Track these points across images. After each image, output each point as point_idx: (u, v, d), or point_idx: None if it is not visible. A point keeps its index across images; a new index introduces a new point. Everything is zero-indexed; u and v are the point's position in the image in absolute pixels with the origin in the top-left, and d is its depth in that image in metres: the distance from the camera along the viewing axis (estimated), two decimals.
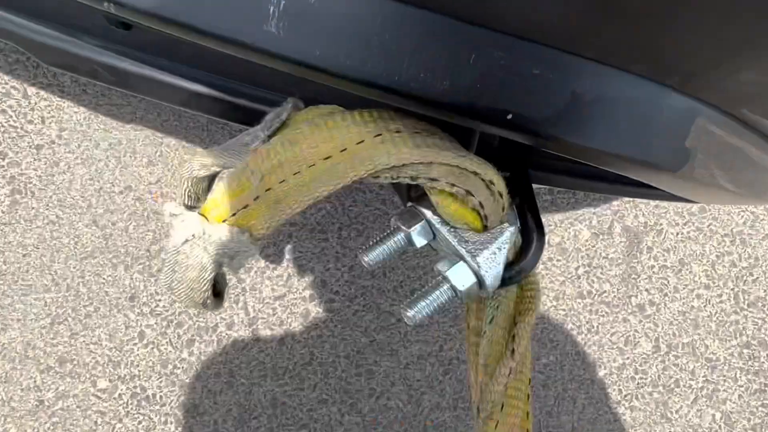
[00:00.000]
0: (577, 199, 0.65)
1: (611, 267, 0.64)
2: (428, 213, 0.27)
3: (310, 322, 0.61)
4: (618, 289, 0.64)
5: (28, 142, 0.60)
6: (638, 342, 0.63)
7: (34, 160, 0.60)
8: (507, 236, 0.26)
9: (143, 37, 0.41)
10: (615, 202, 0.66)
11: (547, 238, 0.46)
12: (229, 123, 0.58)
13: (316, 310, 0.61)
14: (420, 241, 0.27)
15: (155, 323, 0.59)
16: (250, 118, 0.32)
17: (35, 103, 0.60)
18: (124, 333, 0.58)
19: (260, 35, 0.20)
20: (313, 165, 0.23)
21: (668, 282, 0.64)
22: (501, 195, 0.26)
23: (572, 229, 0.65)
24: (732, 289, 0.65)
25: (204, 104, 0.44)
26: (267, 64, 0.22)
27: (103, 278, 0.59)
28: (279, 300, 0.60)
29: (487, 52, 0.20)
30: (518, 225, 0.28)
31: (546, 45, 0.20)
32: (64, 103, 0.61)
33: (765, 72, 0.23)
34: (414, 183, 0.25)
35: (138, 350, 0.58)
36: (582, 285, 0.64)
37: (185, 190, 0.27)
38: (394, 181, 0.25)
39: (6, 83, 0.60)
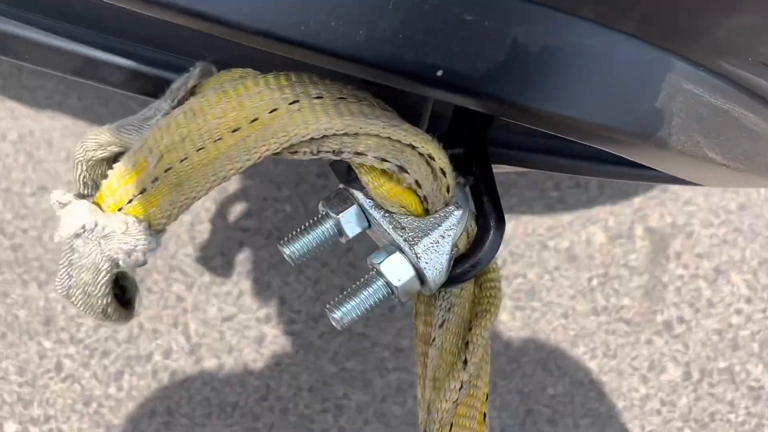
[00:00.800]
0: (590, 196, 0.54)
1: (632, 277, 0.53)
2: (360, 195, 0.23)
3: (265, 347, 0.50)
4: (640, 304, 0.53)
5: None
6: (665, 367, 0.52)
7: None
8: (453, 221, 0.23)
9: None
10: (636, 199, 0.55)
11: (545, 241, 0.37)
12: (132, 96, 0.48)
13: (272, 332, 0.50)
14: (352, 230, 0.24)
15: (75, 352, 0.48)
16: (154, 88, 0.27)
17: None
18: (37, 365, 0.48)
19: None
20: (220, 139, 0.21)
21: (701, 294, 0.53)
22: (444, 173, 0.22)
23: (584, 232, 0.53)
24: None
25: (103, 73, 0.36)
26: (159, 17, 0.18)
27: (12, 298, 0.48)
28: (227, 321, 0.50)
29: None
30: (471, 209, 0.25)
31: None
32: None
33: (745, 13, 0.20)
34: (337, 159, 0.21)
35: (55, 385, 0.48)
36: (596, 299, 0.53)
37: (80, 176, 0.23)
38: (315, 157, 0.21)
39: None
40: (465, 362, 0.26)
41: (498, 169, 0.30)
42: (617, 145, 0.24)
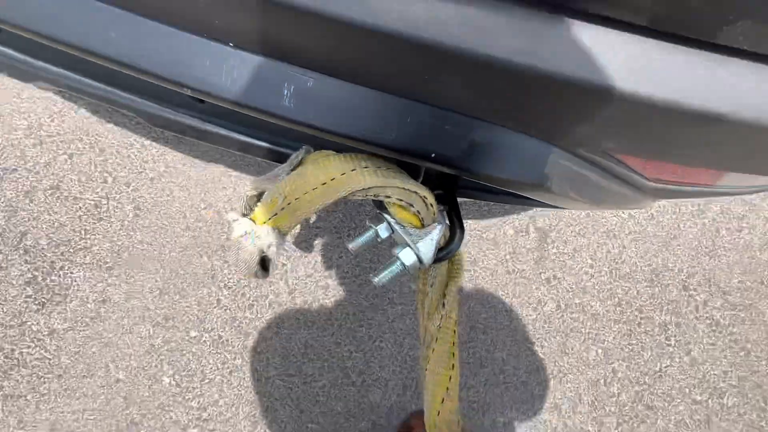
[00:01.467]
0: (505, 210, 0.99)
1: (528, 253, 0.97)
2: (388, 216, 0.39)
3: (330, 292, 0.92)
4: (533, 268, 0.96)
5: (145, 176, 0.92)
6: (545, 304, 0.95)
7: (149, 187, 0.92)
8: (437, 231, 0.40)
9: (213, 107, 0.52)
10: (530, 211, 0.99)
11: (483, 234, 0.76)
12: (269, 162, 0.91)
13: (333, 284, 0.92)
14: (384, 234, 0.40)
15: (228, 294, 0.89)
16: (281, 158, 0.50)
17: (149, 148, 0.93)
18: (207, 301, 0.89)
19: (280, 108, 0.31)
20: (315, 188, 0.35)
21: (566, 264, 0.97)
22: (432, 205, 0.39)
23: (502, 229, 0.98)
24: (608, 268, 0.98)
25: (253, 150, 0.60)
26: (286, 125, 0.33)
27: (194, 263, 0.90)
28: (309, 277, 0.92)
29: (419, 117, 0.30)
30: (446, 224, 0.42)
31: (454, 112, 0.31)
32: (167, 148, 0.93)
33: (585, 129, 0.33)
34: (376, 199, 0.37)
35: (216, 311, 0.89)
36: (509, 265, 0.96)
37: (243, 204, 0.40)
38: (363, 198, 0.36)
39: (130, 137, 0.93)
40: (443, 305, 0.40)
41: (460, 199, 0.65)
42: (524, 190, 0.37)
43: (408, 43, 0.24)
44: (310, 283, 0.91)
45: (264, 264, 0.39)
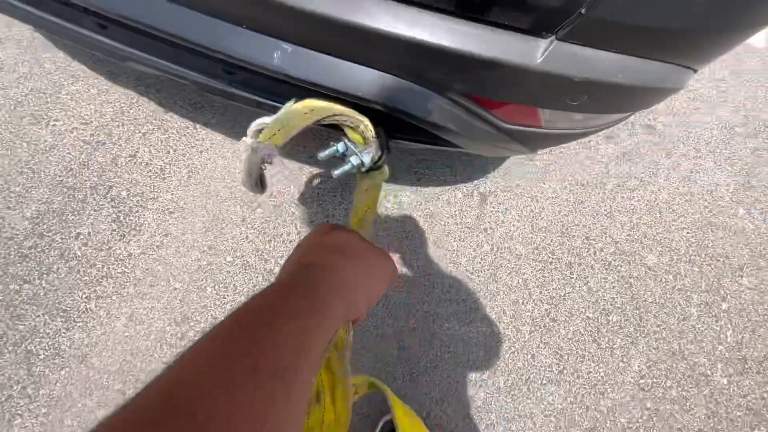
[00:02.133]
0: (456, 179, 1.35)
1: (471, 210, 1.33)
2: (345, 138, 0.65)
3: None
4: (474, 221, 1.32)
5: (196, 149, 1.29)
6: (482, 246, 1.31)
7: (199, 157, 1.28)
8: (373, 148, 0.64)
9: (239, 78, 0.71)
10: (475, 180, 1.35)
11: (439, 196, 1.11)
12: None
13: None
14: (341, 149, 0.64)
15: (253, 232, 1.25)
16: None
17: (199, 130, 1.30)
18: (239, 237, 1.25)
19: (274, 65, 0.83)
20: (303, 114, 0.58)
21: (499, 219, 1.33)
22: (371, 130, 0.63)
23: (454, 193, 1.34)
24: (530, 223, 1.34)
25: (263, 106, 0.75)
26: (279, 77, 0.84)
27: (230, 211, 1.26)
28: (312, 223, 1.28)
29: (363, 75, 0.54)
30: (379, 145, 0.65)
31: (381, 71, 0.55)
32: (213, 131, 1.30)
33: (437, 76, 0.53)
34: (337, 123, 0.61)
35: (245, 244, 1.24)
36: (457, 218, 1.32)
37: (252, 132, 0.62)
38: (332, 122, 0.60)
39: (187, 122, 1.30)
40: (368, 191, 0.64)
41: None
42: (424, 124, 0.60)
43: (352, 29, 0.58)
44: (313, 226, 1.27)
45: (262, 181, 0.61)
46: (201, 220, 1.25)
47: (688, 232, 1.40)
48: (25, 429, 1.04)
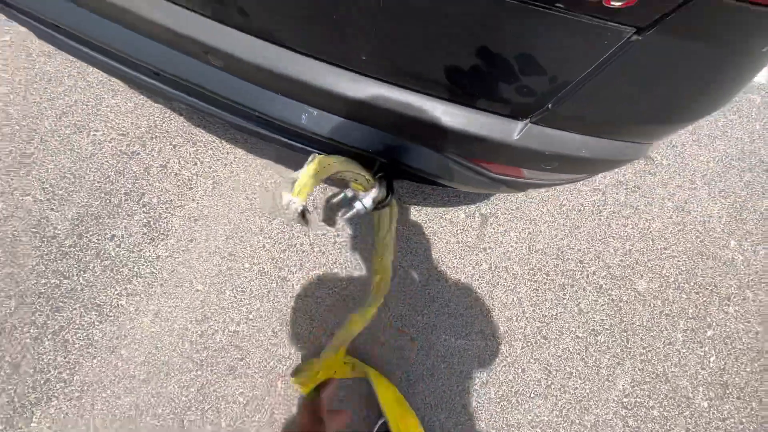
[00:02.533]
0: (459, 200, 1.44)
1: (472, 230, 1.42)
2: (350, 187, 0.80)
3: (338, 246, 1.38)
4: (475, 241, 1.41)
5: (221, 162, 1.41)
6: (481, 264, 1.40)
7: (223, 169, 1.40)
8: (371, 194, 0.79)
9: (271, 122, 1.14)
10: (477, 202, 1.45)
11: (443, 216, 1.22)
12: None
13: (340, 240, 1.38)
14: (349, 194, 0.80)
15: (270, 242, 1.36)
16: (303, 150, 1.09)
17: (225, 145, 1.42)
18: (257, 245, 1.36)
19: (301, 124, 0.99)
20: (318, 172, 0.70)
21: (498, 239, 1.42)
22: (369, 180, 0.76)
23: (456, 213, 1.43)
24: (527, 244, 1.42)
25: (291, 147, 1.25)
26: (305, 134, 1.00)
27: (249, 221, 1.37)
28: (324, 235, 1.38)
29: (372, 135, 0.76)
30: (383, 189, 0.81)
31: (388, 133, 0.85)
32: (238, 147, 1.42)
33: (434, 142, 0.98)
34: (343, 178, 0.75)
35: (262, 252, 1.35)
36: (459, 237, 1.41)
37: (287, 186, 0.76)
38: (338, 177, 0.74)
39: (214, 137, 1.42)
40: (380, 227, 0.96)
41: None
42: (426, 174, 0.78)
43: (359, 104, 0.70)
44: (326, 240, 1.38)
45: (305, 218, 0.72)
46: (223, 228, 1.36)
47: (678, 261, 1.47)
48: (59, 410, 1.16)
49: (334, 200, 0.75)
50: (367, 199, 0.78)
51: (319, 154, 0.76)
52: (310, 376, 1.10)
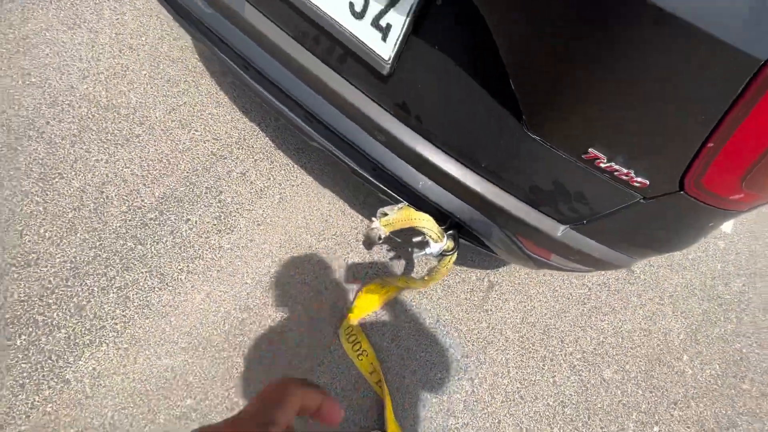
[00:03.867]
0: (474, 263, 1.72)
1: (479, 292, 1.69)
2: (425, 235, 1.06)
3: (394, 260, 1.62)
4: (479, 301, 1.68)
5: (292, 181, 1.68)
6: (481, 323, 1.65)
7: (292, 187, 1.67)
8: (442, 244, 1.02)
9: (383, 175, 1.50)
10: (489, 269, 1.73)
11: (458, 274, 1.50)
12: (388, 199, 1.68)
13: (399, 258, 1.63)
14: (424, 239, 1.05)
15: (319, 262, 1.60)
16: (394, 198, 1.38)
17: (298, 164, 1.70)
18: (305, 245, 1.60)
19: (418, 188, 1.29)
20: (403, 220, 1.01)
21: (499, 305, 1.69)
22: (442, 234, 1.00)
23: (469, 274, 1.71)
24: (521, 315, 1.69)
25: (389, 196, 1.54)
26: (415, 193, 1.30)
27: (301, 236, 1.62)
28: (386, 249, 1.63)
29: (462, 209, 1.14)
30: (452, 240, 1.05)
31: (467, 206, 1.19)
32: (306, 173, 1.71)
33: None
34: (421, 229, 1.07)
35: (309, 264, 1.59)
36: (467, 295, 1.68)
37: (379, 213, 1.05)
38: (420, 227, 1.03)
39: (291, 158, 1.71)
40: (438, 270, 1.31)
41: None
42: (490, 244, 1.07)
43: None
44: (384, 252, 1.63)
45: (371, 244, 1.08)
46: (279, 237, 1.61)
47: (640, 361, 1.75)
48: (106, 356, 1.32)
49: (413, 239, 1.02)
50: (437, 248, 1.05)
51: (408, 205, 1.05)
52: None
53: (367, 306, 1.53)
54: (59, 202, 1.47)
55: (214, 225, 1.57)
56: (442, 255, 1.09)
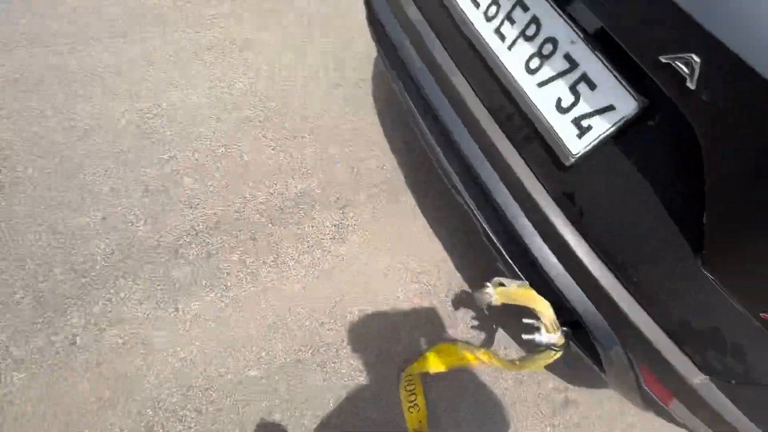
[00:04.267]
0: (560, 372, 1.61)
1: (552, 404, 1.56)
2: (542, 324, 1.05)
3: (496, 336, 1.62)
4: (549, 413, 1.55)
5: (375, 224, 1.80)
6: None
7: (382, 226, 1.78)
8: (556, 336, 1.01)
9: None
10: (572, 385, 1.60)
11: (535, 377, 1.45)
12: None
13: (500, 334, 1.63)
14: (539, 326, 1.05)
15: (410, 300, 1.66)
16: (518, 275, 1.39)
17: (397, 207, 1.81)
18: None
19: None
20: (523, 298, 1.11)
21: (566, 424, 1.54)
22: (557, 327, 1.00)
23: (548, 380, 1.60)
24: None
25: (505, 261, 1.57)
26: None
27: (408, 289, 1.70)
28: (477, 321, 1.64)
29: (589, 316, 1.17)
30: (564, 337, 1.03)
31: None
32: (400, 218, 1.81)
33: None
34: (536, 313, 1.04)
35: (394, 299, 1.65)
36: (537, 400, 1.56)
37: (493, 282, 1.10)
38: (536, 311, 1.03)
39: (388, 201, 1.83)
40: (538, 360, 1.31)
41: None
42: (604, 360, 1.08)
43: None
44: (469, 319, 1.64)
45: (486, 308, 1.14)
46: (382, 262, 1.71)
47: None
48: (210, 303, 1.51)
49: (523, 320, 1.02)
50: (546, 338, 1.03)
51: (530, 285, 1.06)
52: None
53: (435, 364, 1.52)
54: (229, 168, 1.78)
55: (332, 231, 1.74)
56: (547, 347, 1.06)
